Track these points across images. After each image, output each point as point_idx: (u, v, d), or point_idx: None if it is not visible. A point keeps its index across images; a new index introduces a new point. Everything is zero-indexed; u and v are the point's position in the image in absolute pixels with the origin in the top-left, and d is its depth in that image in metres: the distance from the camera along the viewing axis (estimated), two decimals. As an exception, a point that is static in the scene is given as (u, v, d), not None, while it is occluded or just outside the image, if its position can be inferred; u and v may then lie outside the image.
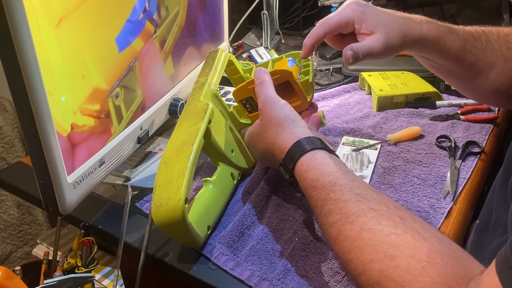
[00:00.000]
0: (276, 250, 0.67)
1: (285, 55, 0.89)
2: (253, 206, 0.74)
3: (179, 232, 0.66)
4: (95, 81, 0.68)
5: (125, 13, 0.72)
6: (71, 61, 0.63)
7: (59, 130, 0.62)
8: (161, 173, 0.67)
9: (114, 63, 0.72)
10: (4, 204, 1.37)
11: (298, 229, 0.70)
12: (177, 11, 0.89)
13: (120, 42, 0.72)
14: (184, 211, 0.62)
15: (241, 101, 0.77)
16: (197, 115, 0.72)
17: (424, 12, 1.32)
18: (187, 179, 0.64)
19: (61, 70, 0.61)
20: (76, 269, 0.79)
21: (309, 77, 0.78)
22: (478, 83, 0.76)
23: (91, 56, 0.66)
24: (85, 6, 0.63)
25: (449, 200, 0.76)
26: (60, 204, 0.65)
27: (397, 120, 0.99)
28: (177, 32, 0.91)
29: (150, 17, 0.79)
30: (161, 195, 0.64)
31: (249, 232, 0.71)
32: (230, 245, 0.68)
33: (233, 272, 0.65)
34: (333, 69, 1.24)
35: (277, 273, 0.63)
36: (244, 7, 1.42)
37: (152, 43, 0.82)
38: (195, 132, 0.69)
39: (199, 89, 0.79)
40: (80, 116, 0.66)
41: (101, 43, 0.68)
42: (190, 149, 0.67)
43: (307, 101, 0.77)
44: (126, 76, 0.75)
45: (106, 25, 0.68)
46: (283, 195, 0.77)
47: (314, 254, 0.66)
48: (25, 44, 0.54)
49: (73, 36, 0.62)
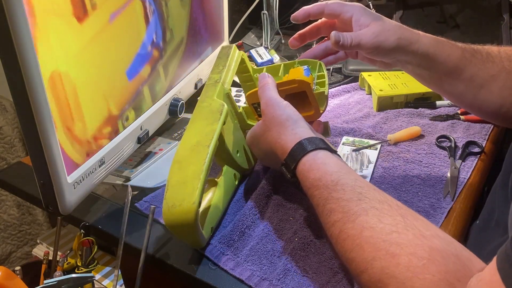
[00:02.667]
0: (276, 250, 0.67)
1: (299, 61, 0.90)
2: (253, 206, 0.74)
3: (187, 233, 0.66)
4: (107, 112, 0.72)
5: (135, 48, 0.77)
6: (88, 98, 0.68)
7: (73, 159, 0.66)
8: (174, 172, 0.66)
9: (125, 91, 0.76)
10: (4, 204, 1.37)
11: (298, 229, 0.70)
12: (182, 39, 0.93)
13: (130, 73, 0.77)
14: (197, 214, 0.62)
15: (253, 104, 0.78)
16: (212, 115, 0.72)
17: (424, 12, 1.32)
18: (202, 182, 0.64)
19: (77, 108, 0.66)
20: (76, 269, 0.79)
21: (325, 89, 0.79)
22: (483, 97, 0.75)
23: (103, 91, 0.71)
24: (95, 44, 0.67)
25: (449, 200, 0.76)
26: (60, 204, 0.65)
27: (397, 120, 0.99)
28: (182, 54, 0.94)
29: (157, 46, 0.84)
30: (174, 195, 0.64)
31: (249, 232, 0.71)
32: (230, 245, 0.68)
33: (233, 272, 0.65)
34: (333, 69, 1.24)
35: (277, 273, 0.63)
36: (244, 7, 1.42)
37: (159, 68, 0.86)
38: (211, 134, 0.69)
39: (213, 87, 0.78)
40: (93, 143, 0.70)
41: (113, 77, 0.73)
42: (206, 151, 0.66)
43: (320, 112, 0.77)
44: (135, 100, 0.79)
45: (117, 61, 0.73)
46: (284, 195, 0.77)
47: (314, 254, 0.66)
48: (25, 44, 0.54)
49: (87, 73, 0.66)
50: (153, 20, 0.82)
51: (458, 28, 1.31)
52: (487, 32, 1.28)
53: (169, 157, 0.91)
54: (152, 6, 0.81)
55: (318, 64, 0.87)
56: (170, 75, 0.91)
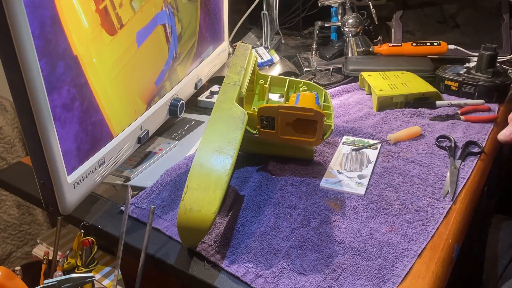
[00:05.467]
0: (272, 247, 0.67)
1: (305, 83, 0.92)
2: (248, 204, 0.75)
3: (195, 237, 0.66)
4: (142, 109, 0.85)
5: (161, 66, 0.90)
6: (126, 101, 0.79)
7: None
8: (195, 175, 0.66)
9: (152, 92, 0.88)
10: (4, 204, 1.37)
11: (296, 227, 0.70)
12: (194, 42, 1.02)
13: (157, 82, 0.89)
14: (213, 223, 0.63)
15: (262, 116, 0.78)
16: (233, 122, 0.72)
17: (424, 12, 1.32)
18: (223, 192, 0.64)
19: (120, 108, 0.77)
20: (76, 269, 0.79)
21: (332, 123, 0.81)
22: None
23: (140, 97, 0.83)
24: (130, 65, 0.79)
25: (449, 200, 0.76)
26: (60, 204, 0.65)
27: (397, 120, 0.99)
28: (193, 55, 1.04)
29: (177, 57, 0.95)
30: (193, 199, 0.64)
31: (245, 230, 0.71)
32: (226, 244, 0.68)
33: (229, 269, 0.65)
34: (333, 69, 1.25)
35: (273, 271, 0.64)
36: (244, 7, 1.42)
37: (177, 67, 0.97)
38: (233, 142, 0.69)
39: (232, 88, 0.78)
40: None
41: (145, 87, 0.85)
42: (229, 162, 0.67)
43: (320, 141, 0.79)
44: (160, 91, 0.91)
45: (148, 76, 0.86)
46: (281, 193, 0.78)
47: (312, 252, 0.66)
48: (25, 45, 0.54)
49: (126, 83, 0.79)
50: (173, 40, 0.92)
51: (458, 28, 1.31)
52: (487, 32, 1.28)
53: (169, 157, 0.91)
54: (171, 25, 0.91)
55: (324, 93, 0.90)
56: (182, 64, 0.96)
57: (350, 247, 0.66)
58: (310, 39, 1.50)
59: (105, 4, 0.70)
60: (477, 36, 1.27)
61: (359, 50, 1.28)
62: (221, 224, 0.72)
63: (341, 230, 0.70)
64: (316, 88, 0.91)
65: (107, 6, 0.70)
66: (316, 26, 1.37)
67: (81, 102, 0.66)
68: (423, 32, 1.32)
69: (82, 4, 0.64)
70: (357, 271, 0.62)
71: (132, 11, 0.77)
